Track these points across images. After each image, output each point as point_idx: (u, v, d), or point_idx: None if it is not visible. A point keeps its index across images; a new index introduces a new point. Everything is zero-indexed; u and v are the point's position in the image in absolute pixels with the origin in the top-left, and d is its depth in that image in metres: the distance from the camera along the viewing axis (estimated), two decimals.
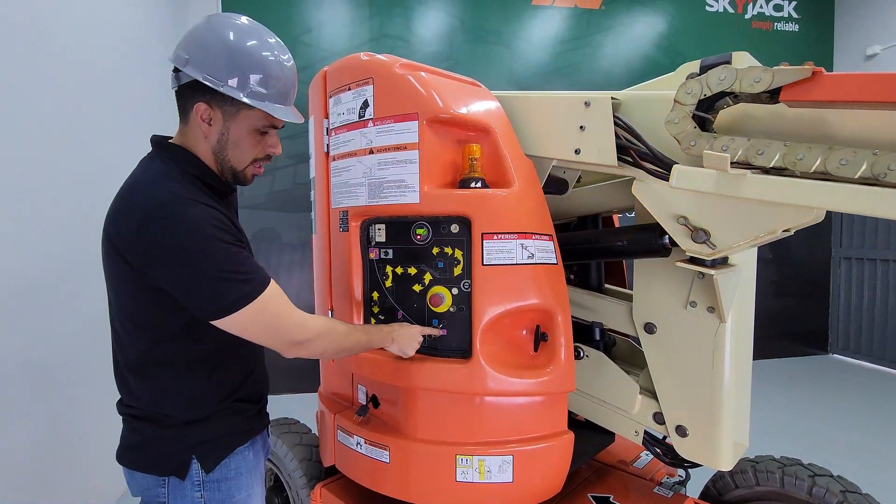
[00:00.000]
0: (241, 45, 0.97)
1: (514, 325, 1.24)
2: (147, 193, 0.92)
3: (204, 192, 1.00)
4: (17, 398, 1.76)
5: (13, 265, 1.75)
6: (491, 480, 1.21)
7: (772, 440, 3.02)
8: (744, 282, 1.30)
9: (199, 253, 0.88)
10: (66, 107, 2.09)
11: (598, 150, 1.21)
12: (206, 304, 0.90)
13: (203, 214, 0.91)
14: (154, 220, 0.88)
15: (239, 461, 1.07)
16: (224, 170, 1.06)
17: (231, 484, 1.05)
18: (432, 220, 1.23)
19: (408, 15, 4.36)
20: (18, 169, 1.79)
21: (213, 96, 0.98)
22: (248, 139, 1.03)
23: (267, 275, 0.96)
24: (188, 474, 1.00)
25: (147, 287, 0.93)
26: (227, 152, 1.03)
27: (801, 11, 4.98)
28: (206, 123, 1.00)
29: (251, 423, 1.11)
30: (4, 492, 1.67)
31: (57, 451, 1.98)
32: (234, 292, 0.90)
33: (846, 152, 0.77)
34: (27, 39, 1.86)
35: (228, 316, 0.90)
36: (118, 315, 1.00)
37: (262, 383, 1.18)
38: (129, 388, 1.02)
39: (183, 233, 0.88)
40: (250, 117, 1.01)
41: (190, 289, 0.90)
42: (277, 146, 1.09)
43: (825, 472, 1.42)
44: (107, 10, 2.48)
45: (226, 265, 0.90)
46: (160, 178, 0.95)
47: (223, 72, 0.96)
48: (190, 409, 1.01)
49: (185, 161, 1.01)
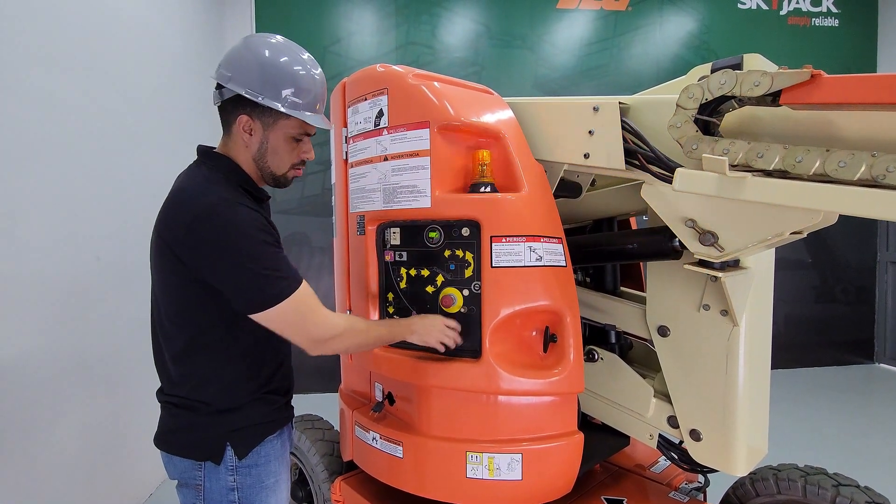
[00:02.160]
0: (275, 62, 1.09)
1: (524, 326, 1.27)
2: (197, 196, 1.02)
3: (246, 196, 1.10)
4: (70, 392, 1.91)
5: (67, 267, 1.90)
6: (500, 478, 1.24)
7: (811, 451, 2.91)
8: (759, 285, 1.28)
9: (245, 251, 0.98)
10: (115, 121, 2.26)
11: (607, 154, 1.23)
12: (248, 297, 0.99)
13: (248, 216, 1.01)
14: (204, 220, 0.98)
15: (269, 449, 1.14)
16: (265, 175, 1.16)
17: (261, 470, 1.12)
18: (444, 224, 1.27)
19: (434, 22, 4.44)
20: (73, 180, 1.95)
21: (254, 109, 1.09)
22: (285, 146, 1.14)
23: (299, 275, 1.04)
24: (223, 459, 1.07)
25: (194, 281, 1.02)
26: (266, 159, 1.13)
27: (841, 6, 4.77)
28: (248, 134, 1.11)
29: (279, 413, 1.18)
30: (58, 478, 1.82)
31: (104, 442, 2.14)
32: (274, 288, 0.99)
33: (844, 154, 0.77)
34: (86, 64, 2.05)
35: (267, 310, 0.99)
36: (166, 309, 1.09)
37: (290, 377, 1.25)
38: (169, 377, 1.11)
39: (231, 232, 0.98)
40: (286, 126, 1.12)
41: (235, 283, 0.99)
42: (311, 152, 1.19)
43: (851, 481, 1.37)
44: (151, 33, 2.67)
45: (267, 263, 0.99)
46: (207, 183, 1.06)
47: (261, 86, 1.07)
48: (226, 397, 1.09)
49: (228, 169, 1.12)
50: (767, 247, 1.06)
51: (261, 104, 1.07)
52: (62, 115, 1.91)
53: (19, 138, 1.68)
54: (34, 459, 1.72)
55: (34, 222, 1.75)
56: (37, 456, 1.73)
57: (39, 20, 1.80)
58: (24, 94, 1.71)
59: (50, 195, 1.84)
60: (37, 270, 1.76)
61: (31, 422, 1.71)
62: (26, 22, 1.73)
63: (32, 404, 1.71)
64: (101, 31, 2.19)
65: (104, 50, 2.21)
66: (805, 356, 4.70)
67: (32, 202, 1.75)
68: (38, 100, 1.78)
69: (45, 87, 1.81)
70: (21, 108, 1.69)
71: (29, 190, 1.73)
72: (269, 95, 1.07)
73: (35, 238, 1.75)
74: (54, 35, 1.88)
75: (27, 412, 1.69)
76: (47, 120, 1.82)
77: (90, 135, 2.08)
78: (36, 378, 1.73)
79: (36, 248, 1.76)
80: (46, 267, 1.81)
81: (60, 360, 1.86)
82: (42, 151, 1.80)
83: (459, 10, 4.47)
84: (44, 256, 1.80)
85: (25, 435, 1.67)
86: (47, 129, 1.82)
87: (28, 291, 1.71)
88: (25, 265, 1.70)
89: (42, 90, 1.80)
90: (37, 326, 1.75)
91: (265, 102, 1.06)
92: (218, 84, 1.11)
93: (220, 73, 1.10)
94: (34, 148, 1.76)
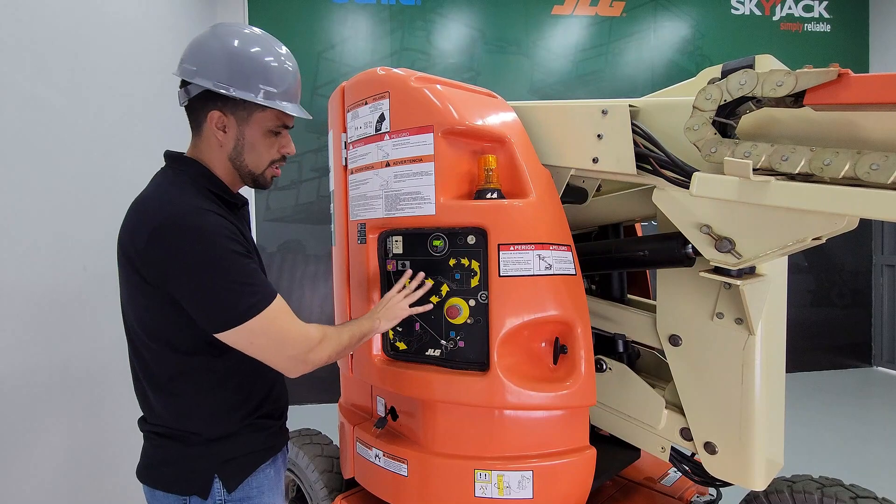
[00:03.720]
0: (246, 51, 0.99)
1: (533, 337, 1.22)
2: (158, 206, 0.93)
3: (216, 203, 1.01)
4: (51, 411, 1.82)
5: (51, 277, 1.83)
6: (510, 496, 1.19)
7: (811, 458, 2.88)
8: (774, 292, 1.25)
9: (211, 262, 0.88)
10: (104, 126, 2.20)
11: (617, 158, 1.19)
12: (214, 314, 0.90)
13: (216, 224, 0.91)
14: (166, 230, 0.88)
15: (261, 479, 1.05)
16: (243, 175, 1.07)
17: (254, 503, 1.04)
18: (448, 232, 1.22)
19: (428, 28, 4.42)
20: (59, 185, 1.88)
21: (225, 103, 0.99)
22: (263, 141, 1.04)
23: (273, 288, 0.95)
24: (210, 494, 0.99)
25: (162, 300, 0.92)
26: (244, 157, 1.04)
27: (832, 11, 4.83)
28: (221, 131, 1.01)
29: (273, 439, 1.10)
30: (39, 497, 1.73)
31: (88, 467, 2.04)
32: (243, 304, 0.89)
33: (877, 156, 0.73)
34: (73, 68, 1.98)
35: (236, 328, 0.89)
36: (138, 332, 0.99)
37: (283, 398, 1.17)
38: (150, 405, 1.02)
39: (195, 241, 0.88)
40: (263, 119, 1.02)
41: (199, 298, 0.90)
42: (290, 145, 1.10)
43: (869, 493, 1.33)
44: (142, 39, 2.62)
45: (236, 276, 0.90)
46: (171, 189, 0.97)
47: (231, 78, 0.97)
48: (213, 426, 1.00)
49: (197, 173, 1.02)
50: (786, 253, 1.02)
51: (232, 97, 0.97)
52: (48, 118, 1.84)
53: (2, 142, 1.61)
54: (13, 484, 1.62)
55: (18, 229, 1.68)
56: (16, 479, 1.64)
57: (26, 22, 1.74)
58: (8, 98, 1.64)
59: (35, 201, 1.76)
60: (19, 279, 1.68)
61: (8, 443, 1.61)
62: (12, 24, 1.67)
63: (10, 424, 1.62)
64: (89, 35, 2.13)
65: (92, 54, 2.15)
66: (802, 360, 4.69)
67: (16, 208, 1.67)
68: (23, 104, 1.71)
69: (31, 91, 1.75)
70: (5, 112, 1.63)
71: (12, 195, 1.66)
72: (241, 87, 0.97)
73: (18, 245, 1.68)
74: (41, 38, 1.82)
75: (4, 433, 1.60)
76: (32, 124, 1.76)
77: (77, 139, 2.01)
78: (15, 396, 1.64)
79: (18, 255, 1.68)
80: (30, 275, 1.73)
81: (42, 376, 1.77)
82: (27, 156, 1.73)
83: (454, 15, 4.46)
84: (27, 264, 1.72)
85: (6, 455, 1.59)
86: (32, 133, 1.76)
87: (8, 301, 1.63)
88: (6, 273, 1.62)
89: (28, 94, 1.73)
90: (17, 339, 1.67)
91: (237, 94, 0.96)
92: (183, 81, 1.00)
93: (184, 68, 0.99)
94: (18, 152, 1.69)
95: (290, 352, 0.95)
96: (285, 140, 1.09)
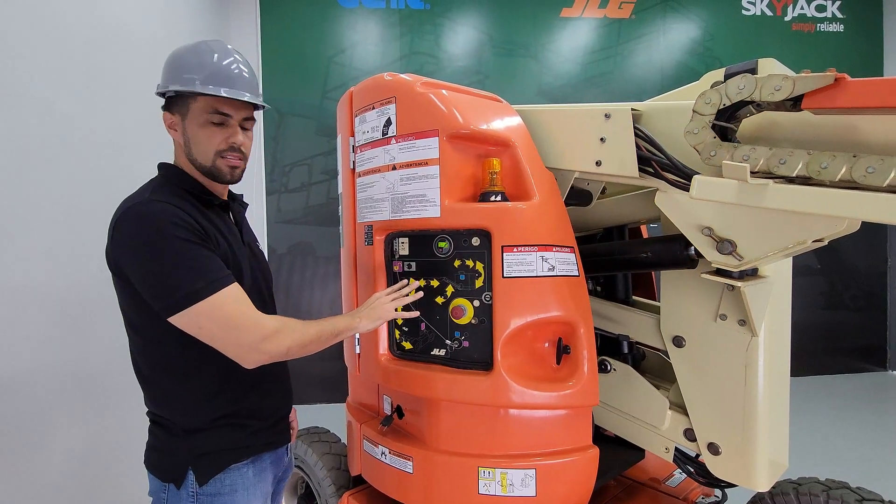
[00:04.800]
0: (178, 52, 1.08)
1: (536, 338, 1.24)
2: (124, 205, 1.01)
3: (188, 201, 1.04)
4: (68, 407, 1.88)
5: (67, 278, 1.89)
6: (514, 494, 1.20)
7: (823, 463, 2.85)
8: (778, 293, 1.25)
9: (154, 246, 0.92)
10: (118, 132, 2.26)
11: (619, 161, 1.21)
12: (159, 296, 0.92)
13: (165, 211, 0.95)
14: (120, 223, 0.96)
15: (234, 478, 1.05)
16: (201, 171, 1.09)
17: (225, 499, 1.04)
18: (453, 234, 1.25)
19: (437, 32, 4.45)
20: (74, 190, 1.94)
21: (171, 105, 1.08)
22: (202, 132, 1.06)
23: (228, 277, 0.96)
24: (184, 484, 1.01)
25: (124, 288, 0.99)
26: (192, 152, 1.08)
27: (846, 11, 4.76)
28: (174, 130, 1.09)
29: (253, 439, 1.09)
30: (54, 495, 1.79)
31: (102, 459, 2.10)
32: (186, 287, 0.91)
33: (873, 160, 0.74)
34: (88, 74, 2.04)
35: (182, 312, 0.91)
36: (125, 322, 1.07)
37: (275, 398, 1.16)
38: (143, 392, 1.09)
39: (140, 228, 0.94)
40: (196, 110, 1.05)
41: (146, 281, 0.93)
42: (236, 135, 1.08)
43: (875, 496, 1.33)
44: (156, 47, 2.68)
45: (180, 260, 0.92)
46: (142, 190, 1.04)
47: (167, 77, 1.06)
48: (188, 417, 1.03)
49: (170, 174, 1.10)
50: (788, 255, 1.03)
51: (169, 96, 1.05)
52: (64, 125, 1.90)
53: (20, 147, 1.67)
54: (31, 474, 1.68)
55: (36, 231, 1.74)
56: (34, 471, 1.70)
57: (41, 30, 1.80)
58: (25, 104, 1.70)
59: (51, 205, 1.82)
60: (37, 280, 1.74)
61: (28, 437, 1.68)
62: (28, 32, 1.73)
63: (29, 419, 1.68)
64: (103, 43, 2.19)
65: (107, 61, 2.21)
66: (815, 364, 4.63)
67: (32, 212, 1.73)
68: (39, 109, 1.77)
69: (47, 97, 1.81)
70: (22, 117, 1.69)
71: (31, 199, 1.72)
72: (170, 82, 1.04)
73: (35, 248, 1.74)
74: (57, 46, 1.88)
75: (24, 427, 1.66)
76: (48, 129, 1.82)
77: (92, 145, 2.07)
78: (33, 393, 1.70)
79: (35, 258, 1.74)
80: (48, 276, 1.79)
81: (59, 373, 1.83)
82: (43, 161, 1.79)
83: (462, 19, 4.49)
84: (45, 266, 1.78)
85: (21, 451, 1.64)
86: (48, 138, 1.82)
87: (27, 303, 1.69)
88: (25, 276, 1.68)
89: (43, 100, 1.79)
90: (35, 339, 1.73)
91: (167, 89, 1.04)
92: None
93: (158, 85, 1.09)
94: (35, 157, 1.75)
95: (242, 339, 0.94)
96: (231, 130, 1.08)
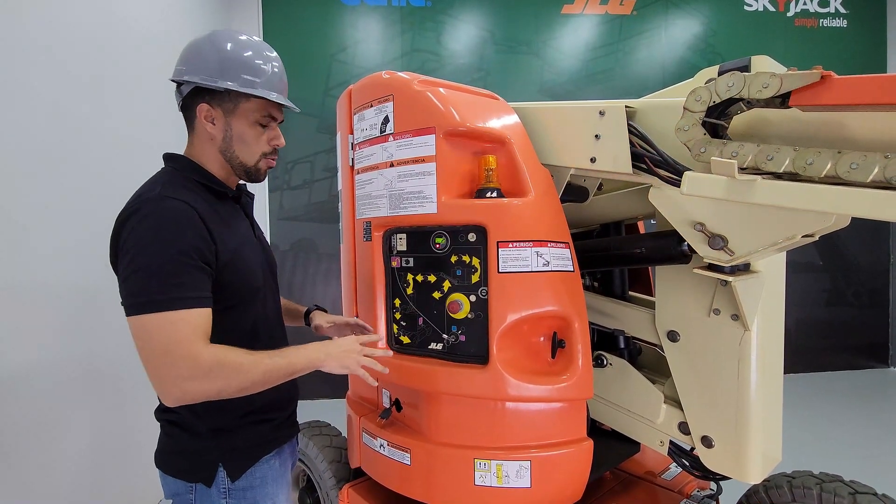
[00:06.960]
0: (230, 47, 1.05)
1: (532, 332, 1.26)
2: (132, 198, 0.99)
3: (199, 193, 1.03)
4: (78, 402, 1.92)
5: (77, 275, 1.92)
6: (509, 485, 1.23)
7: (823, 459, 2.86)
8: (771, 289, 1.26)
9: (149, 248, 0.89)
10: (124, 128, 2.29)
11: (614, 158, 1.22)
12: (125, 296, 0.90)
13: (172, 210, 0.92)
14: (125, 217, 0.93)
15: (265, 470, 1.09)
16: (235, 168, 1.10)
17: (256, 492, 1.07)
18: (450, 230, 1.27)
19: (439, 29, 4.46)
20: (83, 187, 1.97)
21: (213, 96, 1.04)
22: (251, 132, 1.08)
23: (199, 300, 0.90)
24: (214, 482, 1.03)
25: None
26: (234, 149, 1.08)
27: (849, 6, 4.74)
28: (210, 123, 1.06)
29: (277, 431, 1.13)
30: (65, 490, 1.82)
31: (113, 454, 2.14)
32: (148, 294, 0.86)
33: (856, 156, 0.75)
34: (93, 72, 2.07)
35: (130, 316, 0.88)
36: None
37: (289, 390, 1.18)
38: None
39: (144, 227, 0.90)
40: (248, 110, 1.06)
41: (123, 276, 0.90)
42: (280, 138, 1.13)
43: (868, 489, 1.34)
44: (160, 45, 2.70)
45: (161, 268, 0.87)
46: (151, 183, 1.02)
47: (218, 72, 1.03)
48: (216, 417, 1.04)
49: (182, 165, 1.07)
50: (778, 250, 1.05)
51: (218, 90, 1.03)
52: (70, 122, 1.93)
53: (28, 146, 1.70)
54: (42, 470, 1.72)
55: (47, 228, 1.77)
56: (45, 466, 1.73)
57: (46, 28, 1.82)
58: (30, 102, 1.73)
59: (62, 201, 1.86)
60: (48, 276, 1.77)
61: (39, 432, 1.71)
62: (32, 30, 1.76)
63: (41, 414, 1.72)
64: (108, 41, 2.22)
65: (112, 58, 2.24)
66: (817, 360, 4.63)
67: (45, 208, 1.77)
68: (45, 107, 1.80)
69: (52, 95, 1.84)
70: (28, 115, 1.72)
71: (41, 197, 1.75)
72: (224, 78, 1.02)
73: (44, 245, 1.77)
74: (61, 43, 1.91)
75: (35, 422, 1.69)
76: (55, 127, 1.85)
77: (100, 142, 2.10)
78: (44, 388, 1.74)
79: (48, 254, 1.78)
80: (58, 273, 1.82)
81: (69, 369, 1.87)
82: (51, 159, 1.82)
83: (464, 16, 4.49)
84: (56, 262, 1.81)
85: (33, 446, 1.68)
86: (56, 136, 1.85)
87: (37, 299, 1.72)
88: (35, 273, 1.72)
89: (49, 98, 1.82)
90: (46, 335, 1.77)
91: (221, 85, 1.01)
92: (178, 85, 1.07)
93: (176, 69, 1.06)
94: (43, 155, 1.78)
95: (165, 370, 0.86)
96: (275, 133, 1.12)
